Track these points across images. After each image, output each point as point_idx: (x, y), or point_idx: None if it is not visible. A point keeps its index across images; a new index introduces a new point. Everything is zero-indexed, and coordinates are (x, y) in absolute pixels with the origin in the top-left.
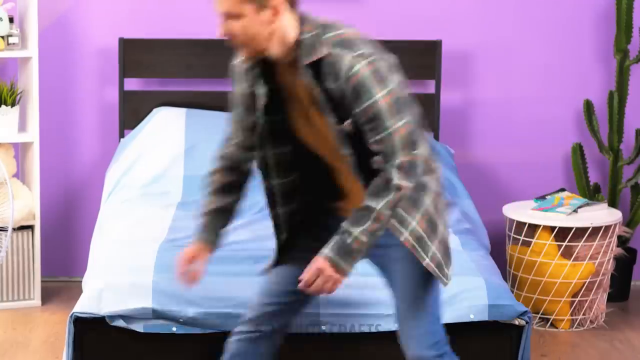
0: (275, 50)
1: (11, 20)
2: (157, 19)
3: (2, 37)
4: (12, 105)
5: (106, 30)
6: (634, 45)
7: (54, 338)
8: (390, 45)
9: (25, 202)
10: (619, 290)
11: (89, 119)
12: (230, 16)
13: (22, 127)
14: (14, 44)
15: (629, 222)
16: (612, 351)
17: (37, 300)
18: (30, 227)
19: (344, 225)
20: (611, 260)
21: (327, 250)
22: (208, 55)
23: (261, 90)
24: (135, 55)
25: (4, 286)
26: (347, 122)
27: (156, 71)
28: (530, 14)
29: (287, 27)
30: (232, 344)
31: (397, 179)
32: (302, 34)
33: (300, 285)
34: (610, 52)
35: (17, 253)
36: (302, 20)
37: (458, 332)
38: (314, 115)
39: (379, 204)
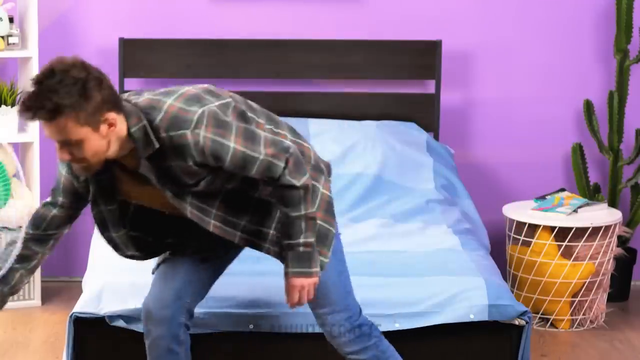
0: (112, 154)
1: (11, 20)
2: (157, 19)
3: (2, 37)
4: (12, 105)
5: (106, 30)
6: (634, 45)
7: (54, 338)
8: (390, 45)
9: (25, 202)
10: (619, 290)
11: None
12: (70, 143)
13: (22, 127)
14: (14, 44)
15: (629, 222)
16: (612, 351)
17: (37, 300)
18: None
19: (287, 241)
20: (611, 260)
21: (289, 268)
22: (208, 55)
23: (93, 187)
24: (135, 55)
25: None
26: (200, 184)
27: (156, 71)
28: (530, 14)
29: (120, 130)
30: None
31: (297, 181)
32: (131, 128)
33: (290, 305)
34: (610, 52)
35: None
36: (127, 114)
37: (458, 332)
38: (154, 191)
39: (301, 209)
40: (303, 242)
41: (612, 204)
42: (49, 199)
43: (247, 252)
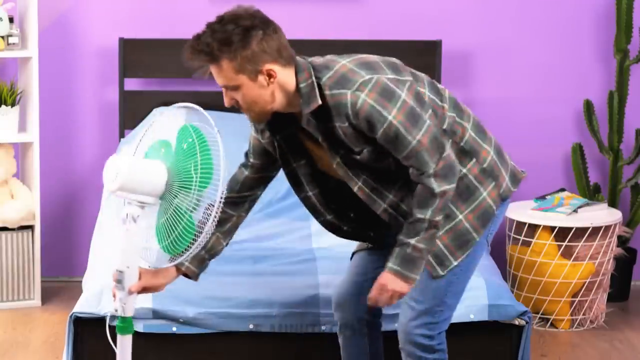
0: (279, 106)
1: (11, 20)
2: (157, 19)
3: (2, 37)
4: (12, 105)
5: (106, 30)
6: (634, 45)
7: (54, 338)
8: (390, 45)
9: (25, 202)
10: (619, 290)
11: (89, 119)
12: (229, 88)
13: (22, 127)
14: (14, 44)
15: (629, 222)
16: (612, 351)
17: (37, 300)
18: (30, 227)
19: (401, 237)
20: (611, 260)
21: (390, 263)
22: None
23: (279, 144)
24: (135, 55)
25: (4, 286)
26: (366, 151)
27: (156, 71)
28: (530, 14)
29: (285, 83)
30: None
31: (437, 187)
32: (300, 84)
33: (369, 299)
34: (610, 52)
35: (17, 253)
36: (297, 69)
37: (458, 332)
38: (322, 152)
39: (427, 214)
40: (413, 245)
41: (612, 204)
42: (243, 161)
43: (247, 252)
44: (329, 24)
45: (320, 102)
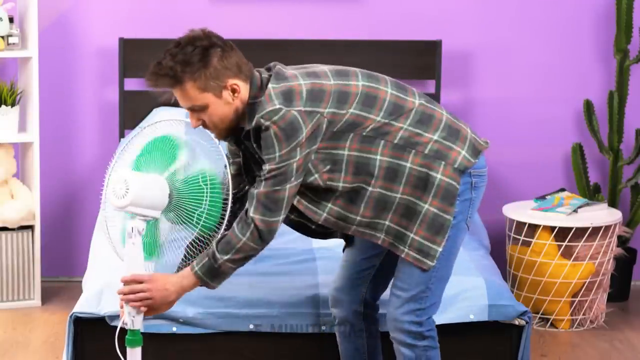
0: (230, 125)
1: (11, 20)
2: (157, 19)
3: (2, 37)
4: (12, 105)
5: (106, 30)
6: (634, 45)
7: (54, 338)
8: (390, 45)
9: (25, 202)
10: (619, 290)
11: (89, 119)
12: (196, 109)
13: (22, 127)
14: (14, 44)
15: (629, 222)
16: (612, 351)
17: (37, 300)
18: (30, 227)
19: (215, 250)
20: (611, 260)
21: (196, 267)
22: None
23: (241, 153)
24: (135, 55)
25: (4, 286)
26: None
27: None
28: (530, 14)
29: (244, 97)
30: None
31: (251, 212)
32: (251, 99)
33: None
34: (610, 52)
35: (17, 253)
36: (252, 85)
37: (458, 332)
38: None
39: (240, 239)
40: (223, 262)
41: (612, 204)
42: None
43: None
44: (329, 24)
45: (253, 125)
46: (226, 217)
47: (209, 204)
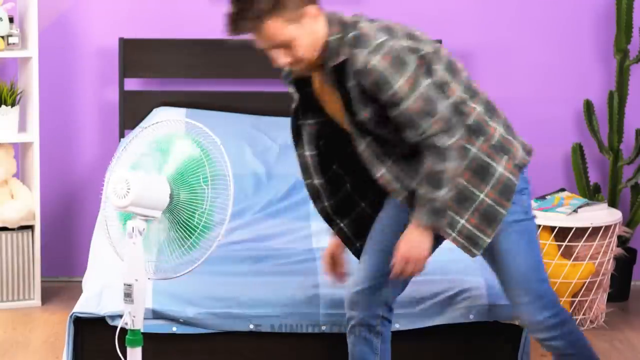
0: (315, 54)
1: (11, 20)
2: (157, 19)
3: (2, 37)
4: (12, 105)
5: (106, 30)
6: (634, 45)
7: (54, 338)
8: None
9: (25, 202)
10: (619, 290)
11: (89, 119)
12: (280, 45)
13: (22, 127)
14: (14, 44)
15: (629, 222)
16: (612, 351)
17: (37, 300)
18: (30, 227)
19: (422, 192)
20: (611, 260)
21: (419, 215)
22: (208, 55)
23: (296, 96)
24: (135, 55)
25: (4, 286)
26: (369, 112)
27: (156, 71)
28: (530, 14)
29: (319, 32)
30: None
31: (441, 143)
32: (330, 36)
33: (394, 266)
34: (610, 52)
35: (17, 253)
36: (329, 21)
37: (458, 332)
38: (336, 109)
39: (444, 165)
40: (438, 198)
41: (612, 204)
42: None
43: (247, 252)
44: None
45: (342, 58)
46: (227, 217)
47: (209, 204)
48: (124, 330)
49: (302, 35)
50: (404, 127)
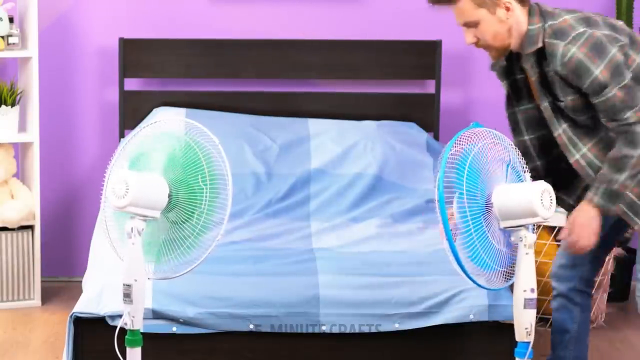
0: (514, 44)
1: (11, 20)
2: (157, 19)
3: (2, 37)
4: (12, 105)
5: (106, 30)
6: None
7: (54, 338)
8: (390, 45)
9: (25, 202)
10: (619, 290)
11: (89, 119)
12: (470, 24)
13: (22, 127)
14: (14, 44)
15: None
16: (612, 351)
17: (37, 300)
18: (30, 227)
19: (603, 173)
20: (611, 260)
21: (594, 193)
22: (208, 55)
23: (504, 84)
24: (135, 55)
25: (4, 286)
26: (570, 99)
27: (156, 71)
28: None
29: (519, 22)
30: None
31: (638, 130)
32: (530, 25)
33: (568, 241)
34: None
35: (17, 253)
36: (530, 11)
37: (458, 332)
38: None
39: (636, 152)
40: (620, 181)
41: None
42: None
43: (247, 252)
44: (329, 24)
45: (540, 45)
46: (226, 217)
47: (208, 204)
48: (123, 331)
49: (490, 22)
50: (604, 114)
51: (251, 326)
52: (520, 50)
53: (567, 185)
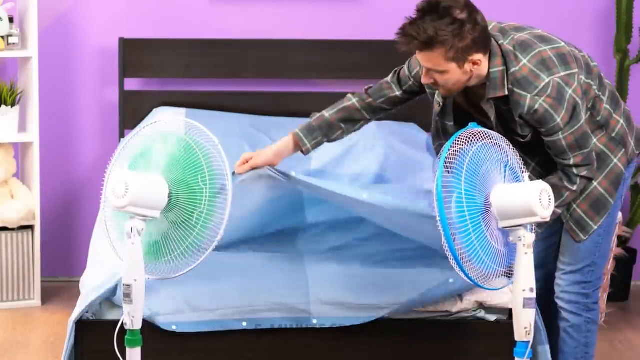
0: (472, 83)
1: (11, 20)
2: (157, 19)
3: (2, 37)
4: (12, 105)
5: (106, 30)
6: (634, 45)
7: (54, 338)
8: (390, 46)
9: (25, 202)
10: (619, 290)
11: (89, 119)
12: (434, 71)
13: (22, 127)
14: (14, 44)
15: (629, 222)
16: (612, 351)
17: (37, 300)
18: (30, 227)
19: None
20: (611, 260)
21: None
22: (208, 55)
23: (439, 99)
24: (135, 55)
25: (4, 286)
26: (527, 134)
27: (156, 71)
28: (531, 14)
29: (483, 69)
30: None
31: (578, 171)
32: (491, 69)
33: None
34: (610, 52)
35: (17, 253)
36: (491, 54)
37: (458, 332)
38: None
39: (570, 187)
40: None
41: None
42: (393, 79)
43: (244, 252)
44: (329, 24)
45: (504, 93)
46: (225, 217)
47: (208, 204)
48: (123, 330)
49: (455, 73)
50: (552, 150)
51: (244, 324)
52: (483, 92)
53: None
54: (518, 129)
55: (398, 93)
